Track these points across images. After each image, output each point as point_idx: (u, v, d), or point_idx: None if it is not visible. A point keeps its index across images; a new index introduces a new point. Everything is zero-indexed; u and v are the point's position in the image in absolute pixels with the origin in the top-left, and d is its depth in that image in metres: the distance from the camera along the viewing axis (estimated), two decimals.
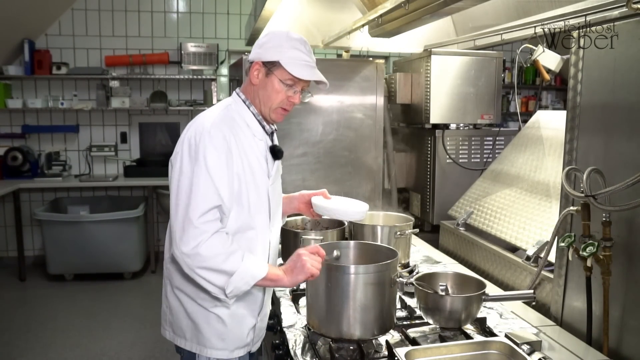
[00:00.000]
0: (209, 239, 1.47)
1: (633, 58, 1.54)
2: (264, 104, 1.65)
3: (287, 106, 1.65)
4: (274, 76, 1.61)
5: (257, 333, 1.73)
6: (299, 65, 1.59)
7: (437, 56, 2.94)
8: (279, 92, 1.62)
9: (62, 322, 4.31)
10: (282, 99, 1.63)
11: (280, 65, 1.58)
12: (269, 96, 1.63)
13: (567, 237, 1.67)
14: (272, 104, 1.63)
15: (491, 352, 1.38)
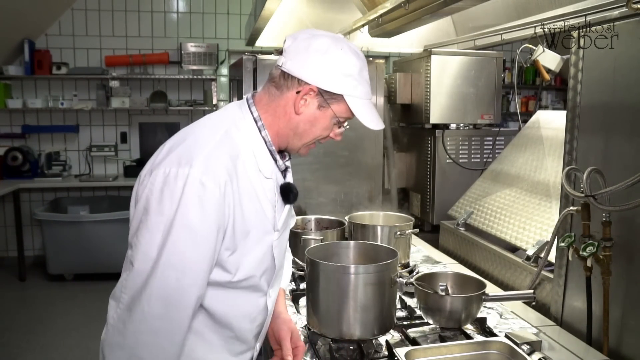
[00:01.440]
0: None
1: (633, 58, 1.54)
2: (299, 137, 1.28)
3: (324, 142, 1.34)
4: (330, 111, 1.26)
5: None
6: (368, 107, 1.28)
7: (437, 56, 2.94)
8: (327, 128, 1.29)
9: (62, 322, 4.31)
10: (324, 135, 1.30)
11: (344, 100, 1.24)
12: (313, 131, 1.28)
13: (567, 237, 1.66)
14: (311, 140, 1.29)
15: (491, 352, 1.38)
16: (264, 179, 1.25)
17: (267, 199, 1.26)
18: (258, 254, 1.25)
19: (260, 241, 1.24)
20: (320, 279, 1.56)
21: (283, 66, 1.24)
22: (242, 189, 1.18)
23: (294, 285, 2.08)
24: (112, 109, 5.64)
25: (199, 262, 1.13)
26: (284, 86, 1.25)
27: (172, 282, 1.10)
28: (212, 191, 1.11)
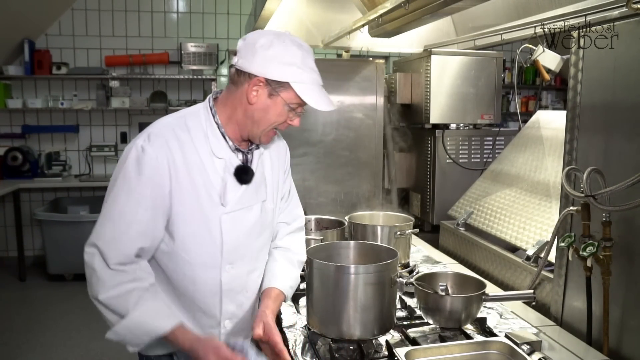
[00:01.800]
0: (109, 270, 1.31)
1: (633, 58, 1.54)
2: (257, 125, 1.40)
3: (283, 128, 1.44)
4: (279, 98, 1.38)
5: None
6: (316, 92, 1.39)
7: (437, 56, 2.94)
8: (281, 115, 1.40)
9: (62, 322, 4.31)
10: (282, 121, 1.41)
11: (291, 87, 1.36)
12: (267, 119, 1.40)
13: (567, 237, 1.67)
14: (267, 127, 1.41)
15: (491, 352, 1.38)
16: (216, 158, 1.41)
17: (217, 175, 1.40)
18: (199, 224, 1.39)
19: (202, 211, 1.38)
20: (320, 279, 1.56)
21: (236, 64, 1.39)
22: (187, 162, 1.36)
23: None
24: (112, 109, 5.64)
25: (132, 213, 1.32)
26: (238, 82, 1.40)
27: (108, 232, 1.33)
28: (149, 155, 1.33)
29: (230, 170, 1.43)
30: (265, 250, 1.59)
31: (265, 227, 1.54)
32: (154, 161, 1.34)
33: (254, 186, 1.48)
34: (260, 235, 1.52)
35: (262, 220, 1.52)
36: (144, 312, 1.32)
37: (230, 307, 1.49)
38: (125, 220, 1.33)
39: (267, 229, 1.56)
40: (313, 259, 1.58)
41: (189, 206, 1.38)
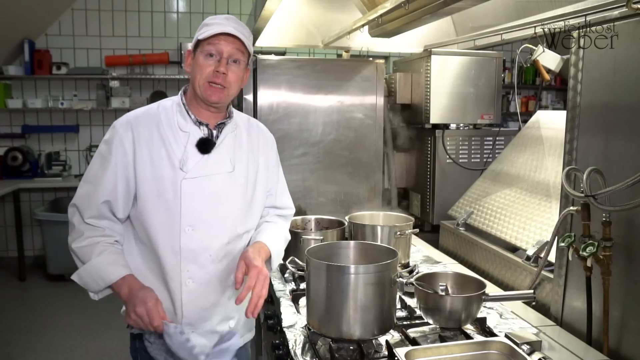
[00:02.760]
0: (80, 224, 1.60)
1: (633, 58, 1.54)
2: (195, 85, 1.61)
3: (214, 79, 1.58)
4: (198, 53, 1.60)
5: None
6: (205, 27, 1.59)
7: (437, 56, 2.94)
8: (202, 66, 1.58)
9: (62, 322, 4.31)
10: (208, 72, 1.58)
11: (199, 40, 1.59)
12: (196, 74, 1.60)
13: (567, 237, 1.67)
14: (200, 80, 1.59)
15: (491, 352, 1.38)
16: (181, 132, 1.63)
17: (181, 146, 1.61)
18: (160, 189, 1.59)
19: (162, 177, 1.59)
20: (320, 279, 1.56)
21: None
22: (152, 136, 1.60)
23: (294, 285, 2.08)
24: (112, 109, 5.64)
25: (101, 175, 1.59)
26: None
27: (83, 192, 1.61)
28: (118, 131, 1.60)
29: (192, 142, 1.62)
30: (231, 218, 1.67)
31: (232, 197, 1.66)
32: (121, 135, 1.60)
33: (216, 157, 1.64)
34: (223, 203, 1.65)
35: (228, 190, 1.65)
36: (102, 260, 1.57)
37: (191, 267, 1.62)
38: (96, 181, 1.60)
39: (235, 200, 1.67)
40: (313, 259, 1.58)
41: (150, 173, 1.59)
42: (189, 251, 1.61)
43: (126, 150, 1.59)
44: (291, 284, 2.11)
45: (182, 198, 1.59)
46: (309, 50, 5.86)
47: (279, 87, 2.88)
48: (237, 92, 1.68)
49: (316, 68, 2.95)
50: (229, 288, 1.68)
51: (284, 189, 1.91)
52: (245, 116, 1.85)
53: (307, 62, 2.98)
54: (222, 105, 1.67)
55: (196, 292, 1.64)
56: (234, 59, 1.60)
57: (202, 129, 1.65)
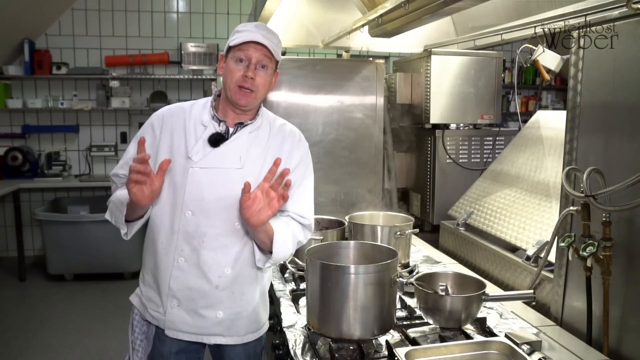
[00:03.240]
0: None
1: (633, 58, 1.54)
2: (227, 88, 1.73)
3: (243, 83, 1.69)
4: (229, 59, 1.72)
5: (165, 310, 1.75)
6: (237, 34, 1.70)
7: (437, 56, 2.94)
8: (233, 70, 1.70)
9: (62, 322, 4.31)
10: (238, 77, 1.69)
11: (230, 47, 1.71)
12: (227, 78, 1.72)
13: (567, 237, 1.67)
14: (230, 84, 1.71)
15: (491, 352, 1.38)
16: (200, 125, 1.77)
17: (195, 137, 1.75)
18: (171, 173, 1.73)
19: (176, 160, 1.73)
20: (320, 279, 1.56)
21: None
22: (176, 127, 1.78)
23: (294, 285, 2.09)
24: (112, 109, 5.64)
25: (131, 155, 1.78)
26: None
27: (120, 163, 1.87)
28: (151, 119, 1.83)
29: (207, 135, 1.75)
30: (230, 212, 1.71)
31: (236, 194, 1.66)
32: (153, 123, 1.82)
33: (225, 152, 1.73)
34: (225, 196, 1.71)
35: (233, 185, 1.69)
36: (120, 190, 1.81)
37: (185, 247, 1.73)
38: (126, 154, 1.84)
39: (239, 196, 1.67)
40: (313, 259, 1.58)
41: (166, 156, 1.71)
42: (185, 232, 1.73)
43: (154, 135, 1.79)
44: (291, 284, 2.11)
45: (187, 184, 1.71)
46: (309, 50, 5.86)
47: (279, 87, 2.88)
48: (264, 95, 1.77)
49: (316, 68, 2.95)
50: (218, 279, 1.73)
51: (303, 198, 1.85)
52: (279, 121, 1.87)
53: (307, 62, 2.98)
54: (250, 108, 1.76)
55: (185, 270, 1.73)
56: (262, 65, 1.71)
57: (221, 125, 1.77)
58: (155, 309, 1.78)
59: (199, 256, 1.72)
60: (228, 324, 1.76)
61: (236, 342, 1.78)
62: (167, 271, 1.75)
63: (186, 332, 1.75)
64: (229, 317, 1.76)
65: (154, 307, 1.79)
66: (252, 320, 1.80)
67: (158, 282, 1.77)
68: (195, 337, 1.76)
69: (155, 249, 1.78)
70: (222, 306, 1.74)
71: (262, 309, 1.84)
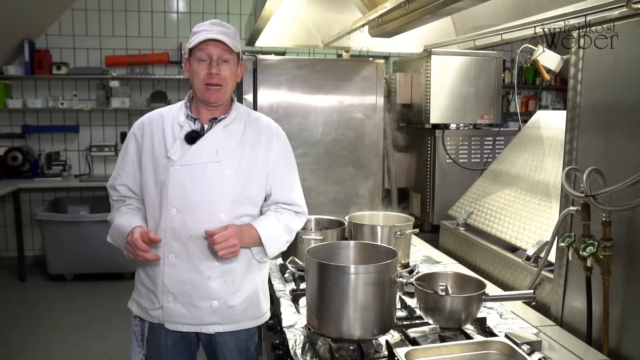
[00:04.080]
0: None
1: (633, 58, 1.54)
2: (195, 88, 1.82)
3: (209, 80, 1.77)
4: (192, 60, 1.80)
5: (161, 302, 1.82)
6: (194, 36, 1.77)
7: (437, 56, 2.94)
8: (197, 70, 1.78)
9: (62, 322, 4.31)
10: (203, 75, 1.77)
11: (190, 49, 1.79)
12: (194, 79, 1.80)
13: (567, 237, 1.67)
14: (197, 84, 1.79)
15: (491, 352, 1.38)
16: (177, 125, 1.84)
17: (173, 137, 1.82)
18: (155, 174, 1.82)
19: (157, 164, 1.82)
20: (320, 279, 1.56)
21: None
22: (156, 131, 1.85)
23: (294, 285, 2.08)
24: (112, 109, 5.64)
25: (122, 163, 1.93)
26: None
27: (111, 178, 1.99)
28: (133, 128, 1.92)
29: (183, 134, 1.82)
30: (214, 205, 1.79)
31: (218, 186, 1.80)
32: (134, 131, 1.91)
33: (202, 148, 1.80)
34: (207, 191, 1.79)
35: (214, 179, 1.80)
36: (121, 220, 1.87)
37: (174, 243, 1.80)
38: (117, 169, 1.95)
39: (222, 188, 1.81)
40: (313, 259, 1.58)
41: (149, 161, 1.83)
42: (172, 229, 1.80)
43: (137, 143, 1.88)
44: (291, 284, 2.11)
45: (169, 183, 1.79)
46: (309, 50, 5.86)
47: (279, 87, 2.88)
48: (233, 87, 1.84)
49: (316, 68, 2.95)
50: (209, 270, 1.80)
51: (292, 186, 1.96)
52: (255, 114, 1.96)
53: (307, 62, 2.98)
54: (221, 103, 1.84)
55: (176, 266, 1.81)
56: (223, 60, 1.78)
57: (196, 123, 1.85)
58: (153, 307, 1.85)
59: (188, 250, 1.80)
60: (224, 312, 1.83)
61: (233, 329, 1.85)
62: (159, 269, 1.82)
63: (184, 323, 1.83)
64: (224, 306, 1.83)
65: (151, 306, 1.85)
66: (249, 306, 1.87)
67: (152, 280, 1.84)
68: (193, 328, 1.84)
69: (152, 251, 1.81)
70: (216, 295, 1.82)
71: (261, 297, 1.92)
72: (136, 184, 1.91)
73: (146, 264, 1.85)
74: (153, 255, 1.75)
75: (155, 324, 1.87)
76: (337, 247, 1.79)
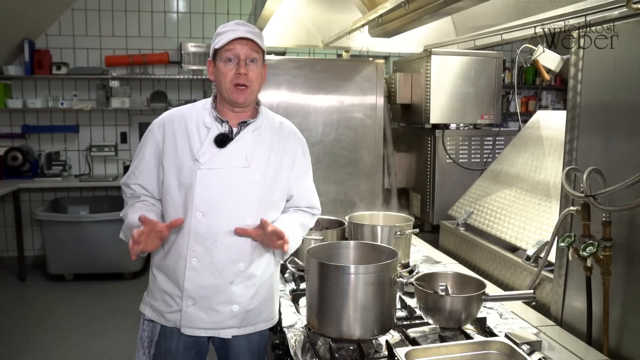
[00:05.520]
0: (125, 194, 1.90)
1: (633, 58, 1.54)
2: (222, 90, 1.76)
3: (237, 80, 1.73)
4: (218, 61, 1.75)
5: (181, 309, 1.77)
6: (219, 37, 1.73)
7: (437, 56, 2.94)
8: (224, 71, 1.73)
9: (62, 322, 4.31)
10: (231, 76, 1.73)
11: (216, 49, 1.74)
12: (220, 80, 1.75)
13: (567, 237, 1.67)
14: (225, 85, 1.74)
15: (491, 352, 1.38)
16: (203, 127, 1.79)
17: (199, 139, 1.77)
18: (179, 175, 1.77)
19: (182, 166, 1.76)
20: (320, 279, 1.56)
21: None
22: (179, 131, 1.79)
23: (294, 285, 2.08)
24: (112, 109, 5.64)
25: (138, 162, 1.85)
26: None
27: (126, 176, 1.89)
28: (152, 126, 1.85)
29: (212, 136, 1.77)
30: (241, 210, 1.76)
31: (245, 191, 1.77)
32: (154, 132, 1.83)
33: (232, 152, 1.76)
34: (235, 195, 1.76)
35: (242, 184, 1.76)
36: (133, 214, 1.77)
37: (197, 247, 1.75)
38: (132, 167, 1.87)
39: (249, 193, 1.78)
40: (313, 259, 1.58)
41: (174, 163, 1.78)
42: (196, 234, 1.74)
43: (157, 141, 1.81)
44: (291, 284, 2.11)
45: (196, 186, 1.73)
46: (309, 50, 5.86)
47: (279, 87, 2.88)
48: (259, 88, 1.81)
49: (316, 68, 2.95)
50: (232, 275, 1.76)
51: (310, 190, 1.99)
52: (278, 118, 1.93)
53: (307, 62, 2.98)
54: (248, 103, 1.79)
55: (198, 270, 1.75)
56: (251, 59, 1.74)
57: (224, 126, 1.79)
58: (170, 310, 1.79)
59: (212, 255, 1.75)
60: (242, 316, 1.80)
61: (249, 331, 1.82)
62: (180, 272, 1.76)
63: (202, 328, 1.78)
64: (243, 310, 1.80)
65: (167, 309, 1.80)
66: (265, 309, 1.85)
67: (172, 283, 1.78)
68: (211, 332, 1.79)
69: (167, 252, 1.79)
70: (237, 300, 1.78)
71: (275, 299, 1.91)
72: (151, 183, 1.84)
73: (164, 267, 1.81)
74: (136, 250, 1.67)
75: (168, 328, 1.81)
76: (337, 247, 1.79)
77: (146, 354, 1.86)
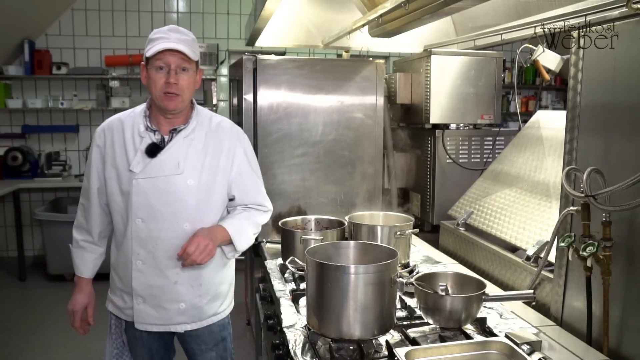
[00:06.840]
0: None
1: (633, 58, 1.54)
2: (153, 96, 1.82)
3: (167, 89, 1.76)
4: (149, 68, 1.79)
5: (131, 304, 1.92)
6: (151, 43, 1.76)
7: (437, 56, 2.94)
8: (155, 79, 1.77)
9: (62, 322, 4.31)
10: (161, 84, 1.77)
11: (147, 57, 1.77)
12: (151, 87, 1.80)
13: (567, 237, 1.67)
14: (156, 92, 1.79)
15: (491, 352, 1.38)
16: (138, 136, 1.85)
17: (134, 148, 1.83)
18: (119, 185, 1.85)
19: (120, 176, 1.84)
20: (320, 279, 1.56)
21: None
22: (116, 141, 1.86)
23: (294, 285, 2.08)
24: (112, 109, 5.63)
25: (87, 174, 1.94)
26: None
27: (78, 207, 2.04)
28: (95, 136, 1.93)
29: (144, 146, 1.83)
30: (178, 216, 1.84)
31: (180, 196, 1.83)
32: (97, 140, 1.91)
33: (163, 160, 1.82)
34: (171, 202, 1.83)
35: (176, 190, 1.83)
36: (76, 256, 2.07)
37: (141, 251, 1.86)
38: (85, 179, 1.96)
39: (184, 199, 1.84)
40: (313, 259, 1.58)
41: (112, 172, 1.86)
42: (138, 238, 1.85)
43: (99, 153, 1.89)
44: (291, 284, 2.11)
45: (133, 194, 1.82)
46: (309, 50, 5.86)
47: (279, 87, 2.88)
48: (190, 95, 1.87)
49: (316, 68, 2.95)
50: (176, 275, 1.87)
51: (257, 189, 2.01)
52: (216, 119, 1.96)
53: (307, 62, 2.98)
54: (179, 110, 1.85)
55: (144, 271, 1.88)
56: (182, 68, 1.79)
57: (156, 135, 1.86)
58: (126, 306, 1.96)
59: (154, 258, 1.86)
60: (192, 312, 1.91)
61: (201, 325, 1.93)
62: (127, 273, 1.90)
63: (154, 324, 1.92)
64: (191, 307, 1.90)
65: (124, 305, 1.96)
66: (215, 304, 1.97)
67: (122, 283, 1.94)
68: (163, 328, 1.92)
69: (116, 253, 1.95)
70: (183, 298, 1.89)
71: (228, 293, 2.03)
72: (97, 225, 1.99)
73: (117, 267, 1.96)
74: (82, 331, 2.07)
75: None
76: (337, 247, 1.79)
77: (112, 345, 2.11)
